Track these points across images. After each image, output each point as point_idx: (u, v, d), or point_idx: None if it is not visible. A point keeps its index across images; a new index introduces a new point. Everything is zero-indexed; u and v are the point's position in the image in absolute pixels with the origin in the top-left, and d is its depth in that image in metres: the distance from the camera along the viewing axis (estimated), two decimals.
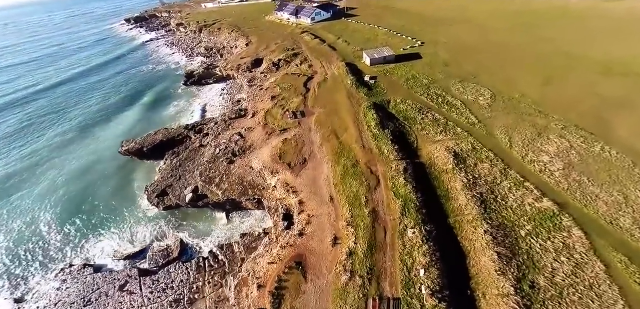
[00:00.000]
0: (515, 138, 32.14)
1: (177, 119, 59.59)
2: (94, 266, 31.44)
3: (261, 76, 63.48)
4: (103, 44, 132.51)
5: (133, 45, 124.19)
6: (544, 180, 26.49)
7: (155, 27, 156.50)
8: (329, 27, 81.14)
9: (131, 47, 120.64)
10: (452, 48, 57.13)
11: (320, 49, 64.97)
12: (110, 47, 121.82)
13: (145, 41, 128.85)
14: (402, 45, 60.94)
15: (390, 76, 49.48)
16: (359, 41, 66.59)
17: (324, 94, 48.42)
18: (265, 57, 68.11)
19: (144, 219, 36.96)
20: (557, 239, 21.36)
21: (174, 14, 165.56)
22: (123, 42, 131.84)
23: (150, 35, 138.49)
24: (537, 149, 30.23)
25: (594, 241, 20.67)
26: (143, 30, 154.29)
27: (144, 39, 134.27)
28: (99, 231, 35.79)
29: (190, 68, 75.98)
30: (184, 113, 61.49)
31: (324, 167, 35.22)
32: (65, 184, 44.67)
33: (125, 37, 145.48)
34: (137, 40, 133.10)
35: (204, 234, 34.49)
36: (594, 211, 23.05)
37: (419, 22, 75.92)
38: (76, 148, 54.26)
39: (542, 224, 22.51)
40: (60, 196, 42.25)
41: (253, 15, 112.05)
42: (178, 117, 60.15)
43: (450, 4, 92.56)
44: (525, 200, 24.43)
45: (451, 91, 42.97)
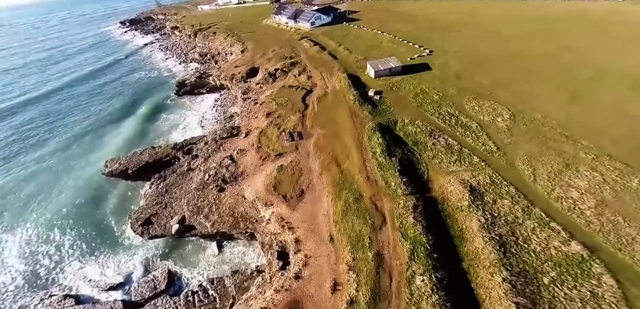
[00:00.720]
0: (539, 170, 28.14)
1: (165, 135, 56.07)
2: (75, 297, 29.58)
3: (256, 87, 59.73)
4: (95, 48, 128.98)
5: (126, 49, 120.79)
6: (572, 220, 23.17)
7: (150, 29, 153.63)
8: (330, 32, 77.14)
9: (124, 52, 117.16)
10: (463, 57, 52.90)
11: (320, 58, 61.06)
12: (102, 53, 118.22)
13: (139, 45, 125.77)
14: (409, 54, 56.86)
15: (397, 90, 45.44)
16: (361, 49, 62.61)
17: (324, 111, 44.50)
18: (261, 65, 64.31)
19: (129, 247, 34.65)
20: (585, 288, 18.84)
21: (169, 17, 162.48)
22: (116, 47, 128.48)
23: (144, 39, 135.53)
24: (564, 184, 26.41)
25: (627, 291, 18.02)
26: (138, 33, 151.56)
27: (137, 42, 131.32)
28: (81, 259, 33.51)
29: (181, 77, 72.37)
30: (173, 128, 57.84)
31: (323, 200, 31.47)
32: (43, 208, 41.53)
33: (118, 41, 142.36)
34: (130, 44, 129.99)
35: (193, 265, 32.31)
36: (630, 255, 20.04)
37: (426, 28, 71.65)
38: (57, 167, 50.80)
39: (569, 271, 19.83)
40: (38, 220, 39.36)
41: (250, 18, 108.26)
42: (166, 133, 56.54)
43: (458, 7, 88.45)
44: (550, 243, 21.58)
45: (465, 109, 38.78)
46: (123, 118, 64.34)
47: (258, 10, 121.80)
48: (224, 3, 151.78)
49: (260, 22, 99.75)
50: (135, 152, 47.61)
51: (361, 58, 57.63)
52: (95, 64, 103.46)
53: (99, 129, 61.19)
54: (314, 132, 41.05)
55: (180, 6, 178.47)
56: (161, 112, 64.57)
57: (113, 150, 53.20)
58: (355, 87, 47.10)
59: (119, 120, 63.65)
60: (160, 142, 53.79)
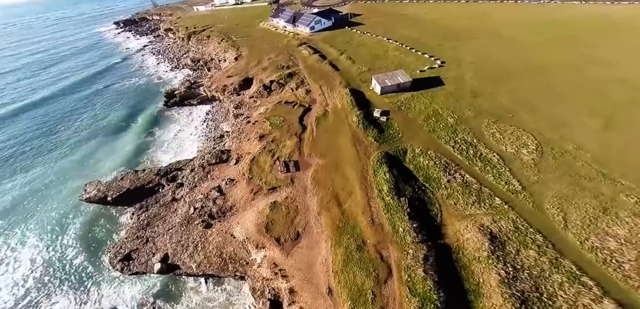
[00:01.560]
0: (571, 215, 24.08)
1: (149, 155, 51.67)
2: None
3: (250, 101, 55.17)
4: (86, 52, 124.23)
5: (117, 53, 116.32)
6: (607, 274, 20.27)
7: (144, 31, 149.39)
8: (331, 38, 72.27)
9: (115, 56, 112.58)
10: (479, 70, 47.88)
11: (320, 68, 56.35)
12: (92, 58, 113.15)
13: (131, 48, 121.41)
14: (418, 65, 51.97)
15: (406, 111, 40.65)
16: (365, 58, 57.76)
17: (324, 135, 39.86)
18: (255, 76, 59.69)
19: (108, 281, 32.55)
20: None
21: (164, 17, 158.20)
22: (107, 50, 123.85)
23: (137, 42, 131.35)
24: (601, 232, 22.73)
25: None
26: (131, 35, 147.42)
27: (130, 45, 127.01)
28: (54, 293, 31.71)
29: (171, 86, 67.94)
30: (159, 147, 53.34)
31: (321, 246, 27.60)
32: (15, 238, 38.12)
33: (111, 43, 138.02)
34: (122, 47, 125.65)
35: (178, 302, 30.21)
36: None
37: (436, 34, 66.48)
38: (33, 190, 46.48)
39: None
40: (10, 252, 36.45)
41: (246, 21, 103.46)
42: (151, 153, 52.02)
43: (467, 10, 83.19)
44: (579, 300, 19.21)
45: (484, 137, 33.89)
46: (107, 134, 59.84)
47: (255, 11, 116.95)
48: (221, 4, 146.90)
49: (256, 25, 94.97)
50: (116, 177, 43.73)
51: (365, 69, 52.84)
52: (84, 70, 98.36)
53: (81, 146, 56.69)
54: (312, 161, 36.47)
55: (176, 6, 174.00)
56: (147, 128, 60.10)
57: (93, 172, 49.21)
58: (359, 105, 42.39)
59: (102, 136, 59.19)
60: (143, 163, 49.94)
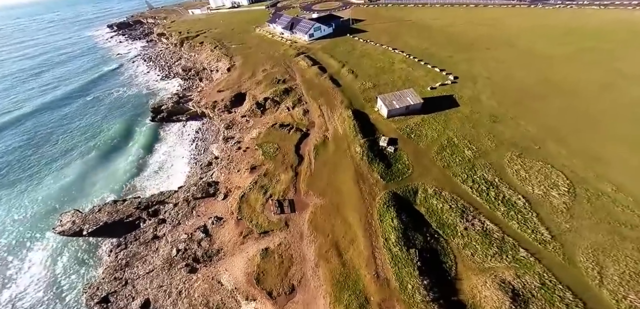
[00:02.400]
0: (608, 269, 21.17)
1: (131, 182, 46.98)
2: None
3: (242, 121, 50.64)
4: (77, 58, 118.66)
5: (108, 59, 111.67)
6: None
7: (137, 35, 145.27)
8: (331, 47, 67.76)
9: (105, 62, 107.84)
10: (498, 89, 43.09)
11: (319, 83, 51.75)
12: (81, 65, 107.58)
13: (122, 54, 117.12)
14: (428, 82, 47.29)
15: (417, 139, 35.97)
16: (369, 72, 53.10)
17: (323, 168, 35.17)
18: (248, 91, 55.15)
19: None
20: None
21: (159, 20, 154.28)
22: (98, 56, 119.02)
23: (129, 47, 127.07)
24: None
25: None
26: (123, 39, 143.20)
27: (121, 50, 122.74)
28: None
29: (159, 100, 63.52)
30: (142, 172, 48.57)
31: (319, 303, 24.11)
32: None
33: (102, 48, 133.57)
34: (113, 53, 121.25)
35: None
36: None
37: (446, 44, 61.69)
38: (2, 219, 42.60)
39: None
40: None
41: (242, 26, 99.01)
42: (133, 179, 47.24)
43: (478, 16, 78.44)
44: None
45: (507, 175, 29.52)
46: (87, 155, 55.01)
47: (252, 15, 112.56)
48: (217, 7, 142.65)
49: (252, 31, 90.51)
50: (93, 208, 39.92)
51: (369, 86, 48.19)
52: (71, 81, 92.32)
53: (59, 170, 51.77)
54: (310, 201, 31.86)
55: (172, 9, 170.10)
56: (132, 148, 55.53)
57: (69, 199, 45.07)
58: (363, 131, 37.79)
59: (82, 158, 54.42)
60: (125, 190, 45.73)
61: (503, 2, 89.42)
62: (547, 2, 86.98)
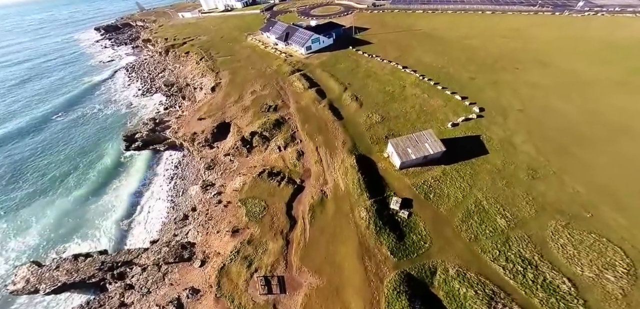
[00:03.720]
0: None
1: (95, 231, 40.01)
2: None
3: (225, 160, 42.82)
4: (57, 69, 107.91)
5: (88, 69, 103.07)
6: None
7: (123, 40, 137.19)
8: (331, 63, 59.54)
9: (85, 74, 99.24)
10: (535, 128, 35.02)
11: (317, 114, 43.62)
12: (61, 77, 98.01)
13: (104, 62, 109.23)
14: (448, 115, 39.17)
15: (436, 201, 28.17)
16: (376, 98, 44.80)
17: (320, 237, 27.49)
18: (233, 120, 47.17)
19: None
20: None
21: (147, 24, 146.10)
22: (79, 65, 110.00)
23: (113, 53, 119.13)
24: None
25: None
26: (109, 44, 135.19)
27: (104, 58, 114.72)
28: None
29: (131, 128, 55.70)
30: (109, 218, 41.41)
31: None
32: None
33: (85, 54, 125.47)
34: (96, 60, 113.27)
35: None
36: None
37: (466, 60, 53.35)
38: None
39: None
40: None
41: (233, 33, 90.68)
42: (97, 227, 40.17)
43: (497, 26, 69.71)
44: None
45: (550, 251, 23.35)
46: (51, 192, 47.69)
47: (245, 21, 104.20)
48: (209, 9, 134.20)
49: (243, 40, 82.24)
50: (50, 264, 34.77)
51: (377, 119, 40.14)
52: (49, 98, 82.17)
53: (18, 210, 44.81)
54: (303, 279, 24.69)
55: (163, 11, 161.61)
56: (100, 182, 48.15)
57: (26, 248, 39.01)
58: (370, 188, 29.92)
59: (45, 196, 46.94)
60: (88, 240, 39.37)
61: (522, 9, 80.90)
62: (573, 8, 78.40)
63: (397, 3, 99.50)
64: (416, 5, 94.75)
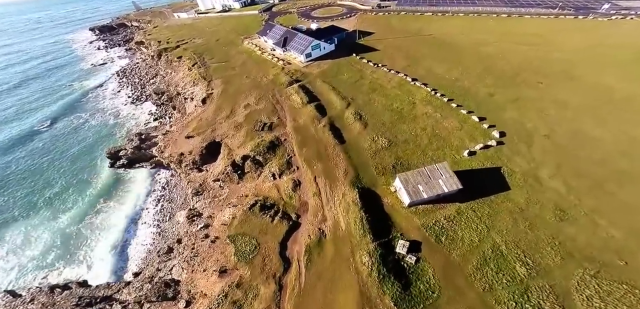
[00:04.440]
0: None
1: (75, 255, 38.22)
2: None
3: (214, 186, 39.55)
4: (49, 74, 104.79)
5: (78, 74, 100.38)
6: None
7: (118, 41, 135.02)
8: (333, 72, 55.75)
9: (75, 79, 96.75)
10: (565, 158, 31.09)
11: (317, 136, 39.93)
12: (49, 84, 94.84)
13: (96, 66, 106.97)
14: (465, 140, 34.99)
15: (449, 245, 24.54)
16: (382, 118, 40.81)
17: (317, 282, 24.00)
18: (224, 139, 43.81)
19: None
20: None
21: (143, 24, 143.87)
22: (70, 69, 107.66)
23: (105, 56, 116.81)
24: None
25: None
26: (102, 46, 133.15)
27: (96, 61, 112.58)
28: None
29: (116, 144, 52.66)
30: (89, 242, 39.44)
31: None
32: None
33: (78, 57, 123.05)
34: (87, 63, 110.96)
35: None
36: None
37: (483, 71, 49.12)
38: None
39: None
40: None
41: (229, 36, 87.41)
42: (77, 253, 37.84)
43: (516, 30, 65.16)
44: None
45: (573, 303, 20.70)
46: (27, 213, 45.14)
47: (242, 22, 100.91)
48: (206, 9, 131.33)
49: (239, 44, 78.87)
50: (25, 296, 32.68)
51: (383, 143, 36.34)
52: (34, 107, 79.45)
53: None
54: None
55: (159, 11, 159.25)
56: (81, 207, 45.37)
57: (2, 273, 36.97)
58: (374, 228, 26.39)
59: (19, 220, 44.32)
60: (68, 268, 37.13)
61: (541, 11, 76.27)
62: (597, 10, 73.67)
63: (403, 4, 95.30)
64: (424, 6, 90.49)
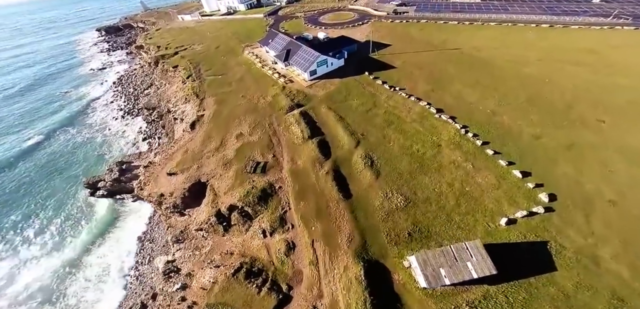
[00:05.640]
0: None
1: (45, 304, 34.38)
2: None
3: (196, 235, 34.95)
4: (46, 83, 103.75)
5: (77, 82, 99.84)
6: None
7: (121, 43, 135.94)
8: (341, 96, 48.92)
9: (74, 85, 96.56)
10: (635, 233, 24.66)
11: (317, 185, 33.44)
12: (42, 96, 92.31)
13: (95, 71, 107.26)
14: (502, 203, 27.93)
15: None
16: (399, 165, 34.27)
17: None
18: (210, 180, 38.72)
19: None
20: None
21: (147, 26, 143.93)
22: (70, 74, 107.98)
23: (106, 59, 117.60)
24: None
25: None
26: (106, 47, 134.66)
27: (97, 64, 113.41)
28: None
29: (91, 176, 48.72)
30: (62, 286, 36.44)
31: None
32: None
33: (78, 60, 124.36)
34: (86, 68, 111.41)
35: None
36: None
37: (526, 101, 41.23)
38: None
39: None
40: None
41: (229, 43, 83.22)
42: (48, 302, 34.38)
43: (563, 43, 56.36)
44: None
45: None
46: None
47: (246, 27, 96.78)
48: (211, 11, 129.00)
49: (240, 53, 74.29)
50: None
51: (398, 201, 29.81)
52: (26, 122, 77.13)
53: None
54: None
55: (165, 12, 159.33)
56: (56, 241, 42.68)
57: None
58: None
59: None
60: None
61: (591, 20, 67.12)
62: None
63: (423, 10, 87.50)
64: (448, 13, 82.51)
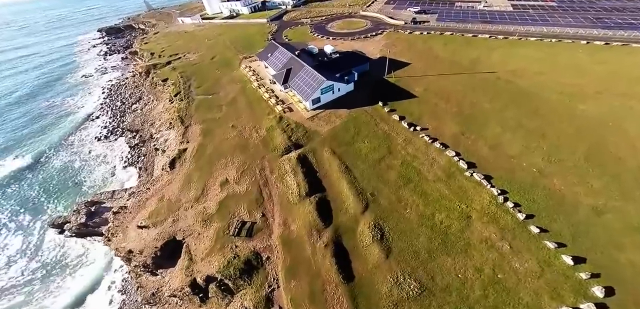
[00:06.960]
0: None
1: None
2: None
3: (170, 301, 29.92)
4: (37, 95, 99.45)
5: (66, 93, 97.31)
6: None
7: (119, 47, 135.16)
8: (349, 137, 41.56)
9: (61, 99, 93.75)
10: None
11: (314, 262, 26.95)
12: (33, 109, 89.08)
13: (87, 77, 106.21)
14: (543, 299, 21.73)
15: None
16: (415, 238, 27.58)
17: None
18: (187, 239, 33.34)
19: None
20: None
21: (148, 28, 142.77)
22: (59, 87, 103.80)
23: (102, 64, 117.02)
24: None
25: None
26: (104, 50, 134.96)
27: (92, 70, 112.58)
28: None
29: (57, 217, 45.14)
30: None
31: None
32: None
33: (73, 64, 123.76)
34: (80, 74, 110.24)
35: None
36: None
37: (585, 155, 33.19)
38: None
39: None
40: None
41: (227, 53, 78.27)
42: None
43: (630, 68, 47.39)
44: None
45: None
46: None
47: (247, 33, 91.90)
48: (214, 14, 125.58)
49: (236, 67, 68.88)
50: None
51: (412, 289, 22.96)
52: (6, 141, 75.18)
53: None
54: None
55: (167, 12, 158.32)
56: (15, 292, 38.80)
57: None
58: None
59: None
60: None
61: None
62: None
63: (446, 20, 79.19)
64: (476, 23, 74.04)
